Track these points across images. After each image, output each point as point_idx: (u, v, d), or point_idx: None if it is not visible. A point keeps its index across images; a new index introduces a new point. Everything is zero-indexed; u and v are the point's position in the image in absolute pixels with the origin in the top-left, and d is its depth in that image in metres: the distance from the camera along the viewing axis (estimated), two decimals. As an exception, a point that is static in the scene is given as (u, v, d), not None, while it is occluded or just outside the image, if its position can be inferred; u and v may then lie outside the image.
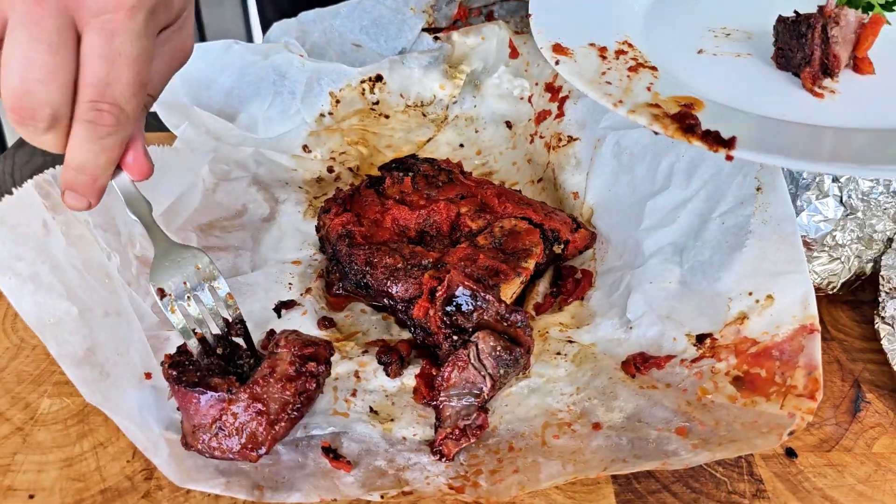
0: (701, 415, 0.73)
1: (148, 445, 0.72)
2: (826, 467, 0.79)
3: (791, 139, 0.76)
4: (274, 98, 1.19)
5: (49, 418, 0.82)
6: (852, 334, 0.95)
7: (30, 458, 0.78)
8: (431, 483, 0.73)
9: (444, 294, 0.78)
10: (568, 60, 0.87)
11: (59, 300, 0.74)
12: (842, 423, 0.84)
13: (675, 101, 0.81)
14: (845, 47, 0.83)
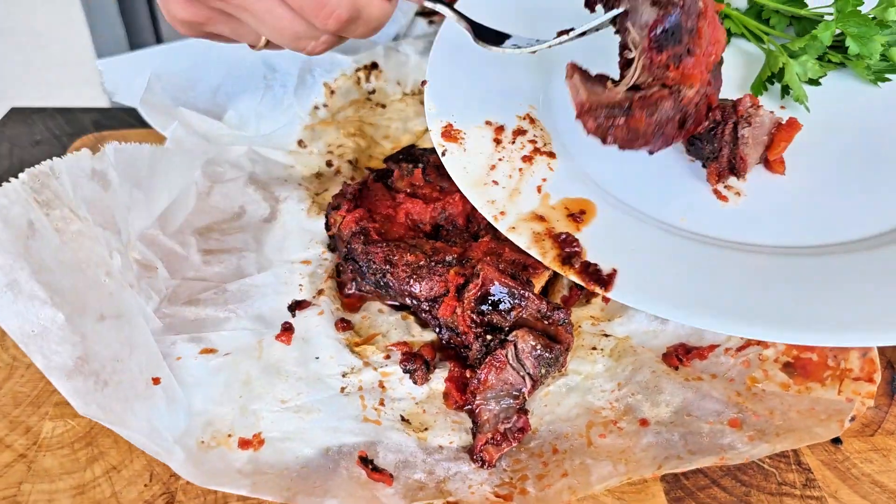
0: (753, 405, 0.71)
1: (161, 452, 0.68)
2: (871, 452, 0.77)
3: (675, 277, 0.73)
4: (265, 93, 1.13)
5: (54, 442, 0.75)
6: None
7: (38, 487, 0.71)
8: (476, 492, 0.69)
9: (477, 292, 0.74)
10: (457, 149, 0.81)
11: (42, 307, 0.68)
12: (881, 407, 0.82)
13: (566, 206, 0.77)
14: (756, 148, 0.79)
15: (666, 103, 0.73)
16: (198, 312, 0.85)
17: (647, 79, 0.72)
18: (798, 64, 0.87)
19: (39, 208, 0.71)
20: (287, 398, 0.77)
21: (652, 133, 0.73)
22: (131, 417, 0.69)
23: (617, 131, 0.73)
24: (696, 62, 0.72)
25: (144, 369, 0.73)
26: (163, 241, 0.91)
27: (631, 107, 0.73)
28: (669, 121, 0.73)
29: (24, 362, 0.83)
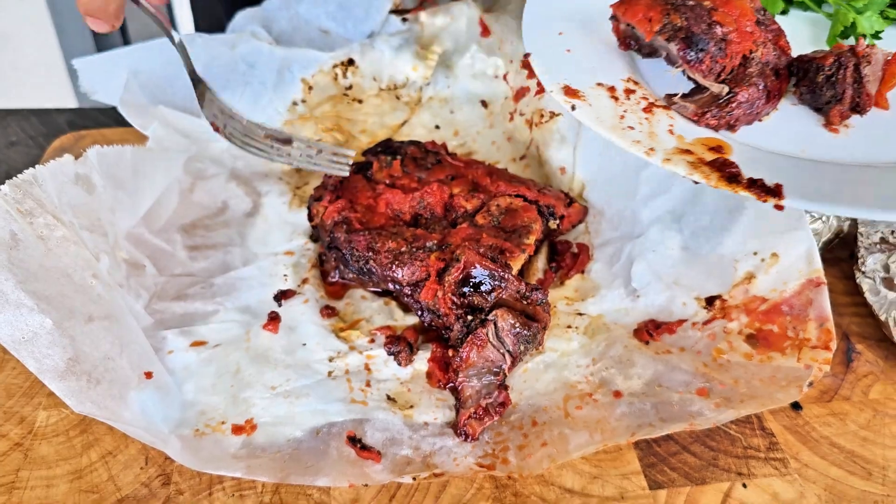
0: (720, 374, 0.75)
1: (157, 442, 0.71)
2: (829, 416, 0.82)
3: (833, 183, 0.75)
4: (244, 89, 1.14)
5: (49, 431, 0.77)
6: (836, 290, 0.98)
7: (35, 474, 0.73)
8: (461, 464, 0.72)
9: (458, 275, 0.78)
10: (583, 104, 0.82)
11: (30, 315, 0.69)
12: (838, 375, 0.87)
13: (703, 144, 0.79)
14: (874, 85, 0.83)
15: (750, 69, 0.81)
16: (186, 307, 0.87)
17: (722, 68, 0.81)
18: (864, 19, 0.93)
19: (22, 218, 0.72)
20: (276, 384, 0.79)
21: (761, 95, 0.81)
22: (126, 412, 0.71)
23: (737, 115, 0.80)
24: (738, 37, 0.81)
25: (136, 365, 0.75)
26: (149, 239, 0.93)
27: (731, 90, 0.80)
28: (765, 78, 0.81)
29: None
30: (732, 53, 0.80)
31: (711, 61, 0.80)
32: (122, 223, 0.89)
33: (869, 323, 0.92)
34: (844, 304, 0.95)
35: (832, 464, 0.77)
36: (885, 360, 0.88)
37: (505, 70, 1.16)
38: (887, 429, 0.80)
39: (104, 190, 0.85)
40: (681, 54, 0.81)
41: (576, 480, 0.74)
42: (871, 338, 0.90)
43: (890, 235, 0.93)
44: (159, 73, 1.14)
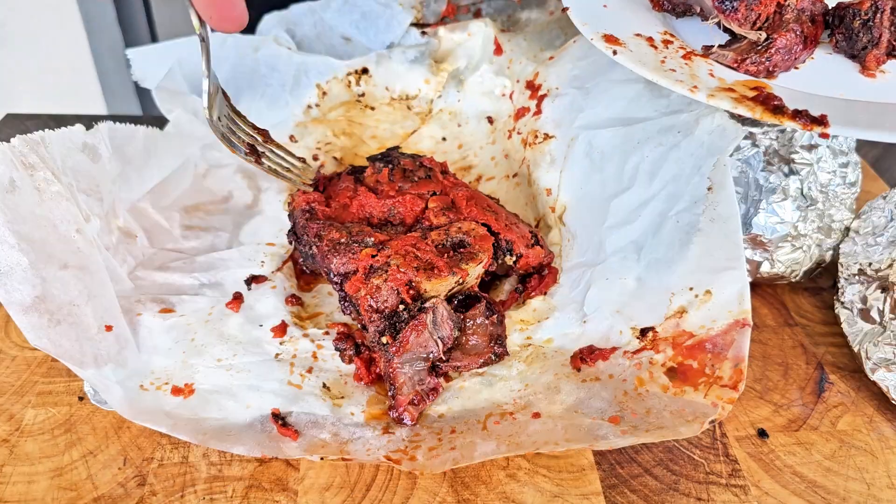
0: (634, 404, 0.76)
1: (99, 385, 0.77)
2: (795, 446, 0.83)
3: (875, 115, 0.77)
4: (265, 89, 1.21)
5: (35, 429, 0.82)
6: (814, 319, 0.98)
7: (18, 470, 0.78)
8: (371, 454, 0.76)
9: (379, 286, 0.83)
10: (624, 50, 0.85)
11: (10, 251, 0.77)
12: (808, 404, 0.88)
13: (745, 84, 0.81)
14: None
15: (786, 17, 0.84)
16: (166, 277, 0.94)
17: (757, 15, 0.84)
18: None
19: (24, 169, 0.81)
20: (223, 357, 0.85)
21: (798, 40, 0.83)
22: (78, 354, 0.78)
23: (775, 61, 0.83)
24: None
25: (99, 317, 0.82)
26: (151, 213, 1.01)
27: (769, 36, 0.83)
28: (802, 24, 0.84)
29: (9, 354, 0.90)
30: (767, 1, 0.83)
31: (747, 9, 0.83)
32: (125, 194, 0.97)
33: (845, 353, 0.92)
34: (822, 333, 0.95)
35: (793, 493, 0.77)
36: (857, 391, 0.88)
37: (511, 89, 1.18)
38: (852, 460, 0.80)
39: (109, 161, 0.93)
40: (716, 4, 0.84)
41: (536, 498, 0.76)
42: (846, 368, 0.90)
43: (868, 267, 0.92)
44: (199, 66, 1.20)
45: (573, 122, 1.02)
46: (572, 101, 1.02)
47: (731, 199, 0.81)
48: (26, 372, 0.88)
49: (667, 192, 0.88)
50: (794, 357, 0.92)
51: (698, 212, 0.83)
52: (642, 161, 0.91)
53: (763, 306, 0.99)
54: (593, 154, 0.97)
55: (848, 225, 0.97)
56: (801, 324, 0.97)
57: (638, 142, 0.92)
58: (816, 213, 0.94)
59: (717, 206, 0.81)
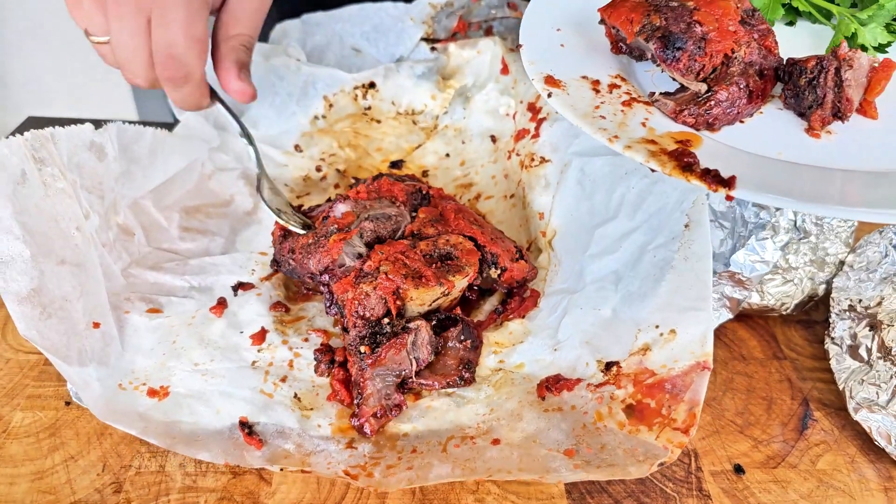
0: (590, 439, 0.76)
1: (78, 382, 0.79)
2: (771, 483, 0.81)
3: (792, 180, 0.74)
4: (273, 98, 1.23)
5: (21, 431, 0.85)
6: (804, 353, 0.97)
7: (1, 472, 0.80)
8: (331, 468, 0.78)
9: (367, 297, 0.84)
10: (560, 93, 0.85)
11: (14, 242, 0.81)
12: (789, 441, 0.87)
13: (672, 137, 0.79)
14: (857, 91, 0.82)
15: (731, 69, 0.82)
16: (158, 277, 0.97)
17: (701, 66, 0.82)
18: (868, 31, 0.91)
19: (34, 163, 0.85)
20: (200, 362, 0.87)
21: (742, 94, 0.81)
22: (64, 349, 0.80)
23: (715, 114, 0.81)
24: (718, 36, 0.82)
25: (88, 314, 0.85)
26: (151, 211, 1.04)
27: (710, 88, 0.82)
28: (748, 77, 0.82)
29: (3, 357, 0.93)
30: (712, 52, 0.81)
31: (689, 60, 0.82)
32: (128, 191, 1.01)
33: (832, 390, 0.90)
34: (811, 368, 0.94)
35: None
36: (842, 430, 0.86)
37: (514, 109, 1.18)
38: (829, 501, 0.80)
39: (115, 160, 0.97)
40: (658, 53, 0.83)
41: None
42: (832, 406, 0.89)
43: (858, 304, 0.90)
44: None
45: (568, 147, 1.02)
46: (569, 127, 1.02)
47: (705, 239, 0.80)
48: (18, 375, 0.91)
49: (649, 225, 0.87)
50: (779, 391, 0.91)
51: (674, 248, 0.82)
52: (628, 191, 0.91)
53: (752, 338, 0.97)
54: (585, 181, 0.97)
55: (843, 259, 0.95)
56: (790, 357, 0.95)
57: (626, 172, 0.91)
58: (809, 245, 0.92)
59: (692, 244, 0.81)
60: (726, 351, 0.95)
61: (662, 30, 0.82)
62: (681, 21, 0.82)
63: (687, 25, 0.82)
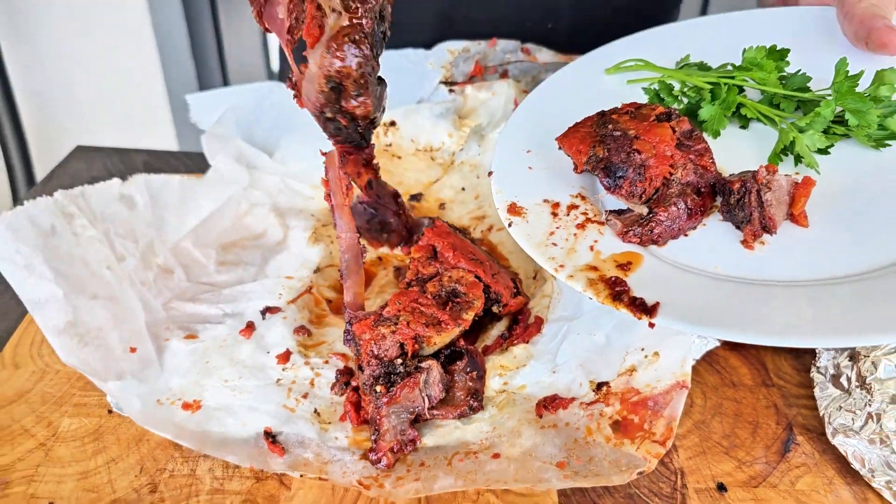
0: (580, 452, 0.84)
1: (120, 397, 0.90)
2: (751, 501, 0.87)
3: (715, 303, 0.81)
4: (301, 135, 1.31)
5: (69, 436, 0.94)
6: (791, 381, 1.02)
7: (51, 471, 0.89)
8: (346, 478, 0.86)
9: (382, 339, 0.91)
10: (520, 221, 0.95)
11: (47, 284, 0.93)
12: (771, 462, 0.92)
13: (615, 260, 0.88)
14: (780, 208, 0.89)
15: (670, 191, 0.90)
16: (195, 308, 1.08)
17: (642, 191, 0.90)
18: (806, 137, 0.97)
19: (63, 218, 0.98)
20: (230, 379, 0.97)
21: (681, 213, 0.90)
22: (103, 371, 0.91)
23: (657, 232, 0.90)
24: (656, 162, 0.90)
25: (125, 341, 0.96)
26: (191, 250, 1.15)
27: (652, 211, 0.90)
28: (686, 197, 0.90)
29: (54, 368, 1.03)
30: (651, 177, 0.89)
31: (630, 186, 0.90)
32: (166, 236, 1.12)
33: (815, 416, 0.96)
34: (797, 395, 0.99)
35: None
36: (822, 453, 0.91)
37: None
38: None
39: (145, 208, 1.09)
40: (602, 182, 0.91)
41: None
42: (815, 431, 0.94)
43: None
44: (250, 112, 1.36)
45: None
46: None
47: None
48: (66, 385, 1.00)
49: None
50: (765, 416, 0.96)
51: None
52: None
53: (743, 366, 1.03)
54: None
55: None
56: (778, 385, 1.00)
57: None
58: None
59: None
60: (718, 377, 1.01)
61: (605, 161, 0.91)
62: (622, 151, 0.90)
63: (627, 154, 0.90)
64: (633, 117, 0.93)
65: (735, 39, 1.10)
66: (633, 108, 0.95)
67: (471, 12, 1.40)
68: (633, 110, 0.94)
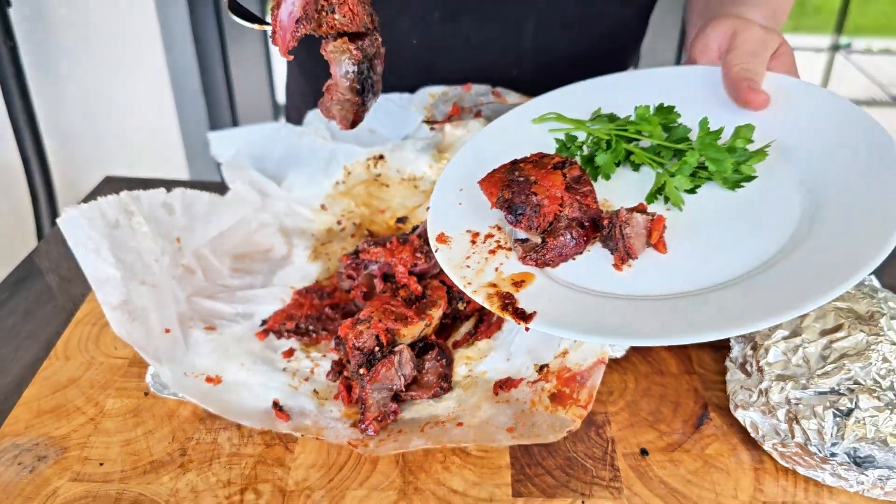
0: (525, 419, 1.05)
1: (155, 364, 1.12)
2: (667, 462, 1.08)
3: (585, 313, 1.02)
4: (304, 168, 1.56)
5: (113, 413, 1.13)
6: (710, 370, 1.22)
7: (100, 440, 1.08)
8: (338, 439, 1.07)
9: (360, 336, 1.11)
10: (445, 248, 1.17)
11: (109, 267, 1.15)
12: (686, 433, 1.13)
13: (512, 278, 1.11)
14: (639, 239, 1.10)
15: (559, 224, 1.13)
16: (213, 304, 1.30)
17: (538, 224, 1.12)
18: (676, 180, 1.19)
19: (125, 214, 1.20)
20: (245, 363, 1.19)
21: (567, 242, 1.12)
22: (144, 344, 1.13)
23: (549, 257, 1.12)
24: (549, 202, 1.11)
25: (161, 322, 1.18)
26: (209, 256, 1.36)
27: (544, 240, 1.13)
28: (572, 229, 1.12)
29: (98, 360, 1.22)
30: (545, 213, 1.11)
31: (528, 221, 1.11)
32: (192, 241, 1.33)
33: (727, 397, 1.16)
34: (714, 381, 1.19)
35: (656, 495, 1.03)
36: (729, 427, 1.12)
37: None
38: (709, 476, 1.05)
39: (181, 216, 1.31)
40: (506, 218, 1.13)
41: (461, 484, 1.04)
42: (725, 409, 1.14)
43: (745, 331, 1.14)
44: (262, 147, 1.57)
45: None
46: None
47: None
48: (109, 373, 1.22)
49: None
50: (685, 398, 1.16)
51: None
52: None
53: (671, 357, 1.23)
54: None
55: (741, 299, 1.20)
56: (699, 373, 1.20)
57: None
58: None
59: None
60: (648, 367, 1.21)
61: (509, 201, 1.12)
62: (522, 193, 1.11)
63: (526, 196, 1.11)
64: (535, 165, 1.14)
65: (646, 93, 1.32)
66: (538, 158, 1.16)
67: (448, 63, 1.63)
68: (537, 159, 1.15)
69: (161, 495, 1.01)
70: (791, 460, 1.03)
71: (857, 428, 0.98)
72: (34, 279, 1.43)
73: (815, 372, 1.04)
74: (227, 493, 1.02)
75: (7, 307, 1.36)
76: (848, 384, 1.01)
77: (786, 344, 1.09)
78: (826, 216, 1.06)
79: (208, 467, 1.05)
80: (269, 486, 1.03)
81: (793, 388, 1.04)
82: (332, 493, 1.02)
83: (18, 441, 1.08)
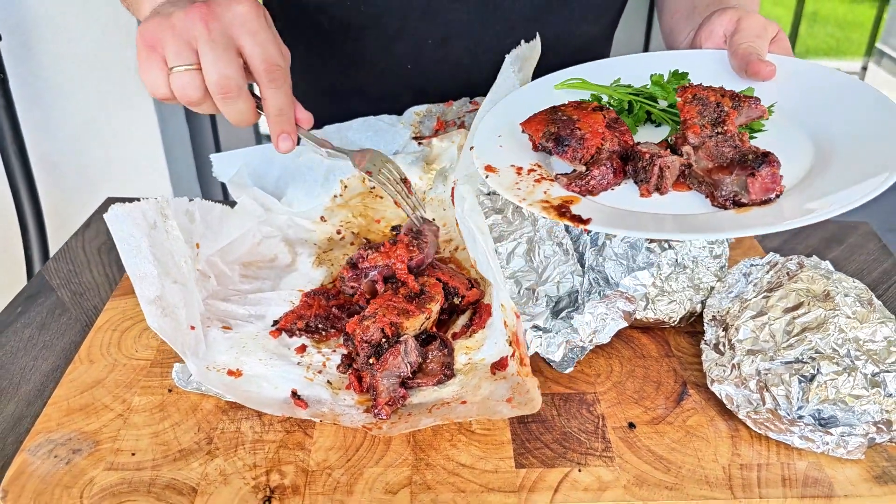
0: (520, 388, 1.16)
1: (183, 355, 1.19)
2: (653, 434, 1.19)
3: (628, 222, 1.17)
4: (303, 184, 1.66)
5: (140, 408, 1.19)
6: (687, 353, 1.33)
7: (130, 433, 1.14)
8: (353, 423, 1.16)
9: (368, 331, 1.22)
10: (494, 175, 1.28)
11: (147, 264, 1.22)
12: (669, 408, 1.24)
13: (561, 198, 1.23)
14: (672, 178, 1.24)
15: (601, 156, 1.25)
16: (227, 306, 1.39)
17: (581, 155, 1.25)
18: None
19: (161, 217, 1.29)
20: (262, 358, 1.28)
21: (608, 172, 1.23)
22: (173, 338, 1.20)
23: (592, 185, 1.23)
24: (591, 135, 1.25)
25: (187, 319, 1.26)
26: (220, 264, 1.46)
27: (588, 169, 1.24)
28: (611, 160, 1.24)
29: (121, 362, 1.32)
30: (588, 146, 1.24)
31: (573, 151, 1.25)
32: (205, 249, 1.42)
33: (704, 376, 1.27)
34: (691, 362, 1.31)
35: (644, 461, 1.13)
36: (707, 401, 1.22)
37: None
38: (691, 444, 1.16)
39: (199, 224, 1.40)
40: (554, 149, 1.27)
41: (468, 458, 1.13)
42: (702, 386, 1.25)
43: (717, 314, 1.25)
44: (260, 166, 1.68)
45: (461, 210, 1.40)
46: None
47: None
48: (133, 373, 1.30)
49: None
50: (666, 377, 1.27)
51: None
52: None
53: (651, 343, 1.34)
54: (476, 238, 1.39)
55: (713, 286, 1.30)
56: (677, 356, 1.31)
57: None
58: (686, 276, 1.29)
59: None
60: (631, 351, 1.32)
61: (556, 134, 1.27)
62: (567, 128, 1.27)
63: (571, 131, 1.26)
64: (575, 108, 1.29)
65: (657, 69, 1.46)
66: (576, 104, 1.30)
67: (440, 85, 1.78)
68: (576, 104, 1.30)
69: (192, 479, 1.09)
70: (763, 426, 1.15)
71: (819, 391, 1.10)
72: (46, 294, 1.50)
73: (780, 345, 1.16)
74: (254, 475, 1.09)
75: (22, 320, 1.43)
76: (810, 353, 1.13)
77: (754, 322, 1.21)
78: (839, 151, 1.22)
79: (234, 453, 1.13)
80: (292, 468, 1.11)
81: (762, 361, 1.16)
82: (351, 471, 1.10)
83: (52, 437, 1.15)
